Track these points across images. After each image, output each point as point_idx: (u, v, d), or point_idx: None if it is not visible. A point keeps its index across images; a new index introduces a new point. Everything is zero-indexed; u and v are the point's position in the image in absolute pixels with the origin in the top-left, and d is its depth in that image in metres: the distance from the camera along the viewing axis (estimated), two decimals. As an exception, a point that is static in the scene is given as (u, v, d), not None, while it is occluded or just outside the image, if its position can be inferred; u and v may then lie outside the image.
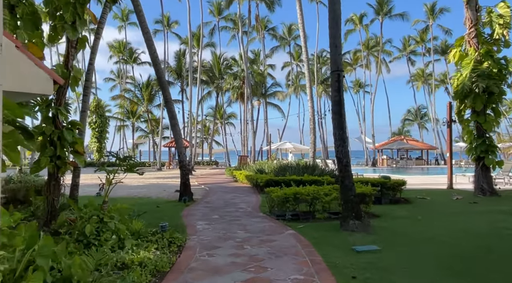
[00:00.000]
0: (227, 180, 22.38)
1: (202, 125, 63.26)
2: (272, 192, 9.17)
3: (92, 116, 45.42)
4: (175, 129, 11.67)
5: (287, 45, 59.65)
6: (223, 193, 14.57)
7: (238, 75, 40.59)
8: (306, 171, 14.97)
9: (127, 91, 51.35)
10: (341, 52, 7.26)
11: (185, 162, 11.68)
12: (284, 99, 49.80)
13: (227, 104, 53.50)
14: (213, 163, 47.31)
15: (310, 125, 16.92)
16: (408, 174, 26.62)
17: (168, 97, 11.72)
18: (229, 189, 16.24)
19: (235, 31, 56.57)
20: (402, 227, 7.60)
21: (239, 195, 13.81)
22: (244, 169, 20.41)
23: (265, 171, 16.63)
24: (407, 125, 74.53)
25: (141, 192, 15.92)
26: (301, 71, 56.51)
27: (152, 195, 14.63)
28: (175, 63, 48.63)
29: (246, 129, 37.17)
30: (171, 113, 11.71)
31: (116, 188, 16.40)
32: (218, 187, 17.31)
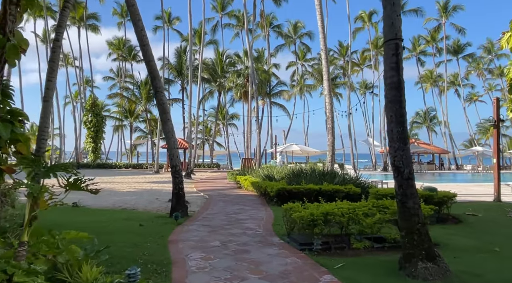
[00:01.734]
0: (229, 185, 20.02)
1: (204, 126, 61.03)
2: (293, 210, 6.80)
3: (87, 115, 43.22)
4: (166, 125, 9.33)
5: (292, 43, 57.36)
6: (226, 204, 12.19)
7: (242, 73, 38.27)
8: (324, 178, 12.59)
9: (125, 89, 49.12)
10: (400, 11, 4.91)
11: (178, 167, 9.33)
12: (289, 99, 47.45)
13: (230, 104, 51.17)
14: (214, 165, 44.98)
15: (327, 124, 14.50)
16: (426, 180, 24.21)
17: (159, 86, 9.40)
18: (232, 198, 13.87)
19: (238, 28, 54.38)
20: (486, 268, 5.22)
21: (244, 207, 11.44)
22: (249, 174, 18.04)
23: (274, 177, 14.26)
24: (415, 128, 72.13)
25: (130, 200, 13.56)
26: (307, 70, 54.18)
27: (140, 205, 12.27)
28: (176, 60, 46.40)
29: (249, 130, 34.82)
30: (161, 107, 9.38)
31: (103, 196, 14.07)
32: (220, 195, 14.95)
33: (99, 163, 42.44)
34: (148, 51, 9.30)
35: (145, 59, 9.30)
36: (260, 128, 24.21)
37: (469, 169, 41.28)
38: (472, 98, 65.91)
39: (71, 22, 50.73)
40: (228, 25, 55.26)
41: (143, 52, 9.29)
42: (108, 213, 10.27)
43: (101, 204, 12.24)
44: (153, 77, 9.37)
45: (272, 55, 55.42)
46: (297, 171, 13.73)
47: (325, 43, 14.52)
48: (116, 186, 19.46)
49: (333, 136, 14.25)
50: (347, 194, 11.33)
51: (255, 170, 18.06)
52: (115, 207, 11.65)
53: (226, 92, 45.78)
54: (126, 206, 11.88)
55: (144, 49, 9.25)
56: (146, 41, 9.29)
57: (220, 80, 42.49)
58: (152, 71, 9.35)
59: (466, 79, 65.59)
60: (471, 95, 65.88)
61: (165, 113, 9.35)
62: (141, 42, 9.24)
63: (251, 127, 34.89)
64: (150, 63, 9.38)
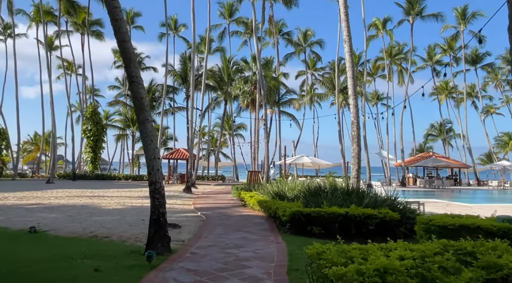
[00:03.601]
0: (233, 202, 17.44)
1: (210, 137, 58.80)
2: (325, 258, 4.20)
3: (87, 124, 41.21)
4: (144, 127, 6.87)
5: (302, 52, 55.28)
6: (225, 229, 9.62)
7: (249, 79, 36.00)
8: (350, 199, 9.98)
9: (127, 96, 47.19)
10: None
11: (159, 185, 6.83)
12: (299, 108, 44.97)
13: (236, 114, 48.82)
14: (219, 177, 42.42)
15: (352, 131, 11.84)
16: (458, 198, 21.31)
17: (134, 74, 6.99)
18: (234, 221, 11.29)
19: (246, 36, 52.48)
20: None
21: (249, 235, 8.86)
22: (256, 190, 15.45)
23: (286, 196, 11.68)
24: (430, 141, 69.12)
25: (109, 222, 11.07)
26: (317, 79, 51.77)
27: (119, 229, 9.75)
28: (181, 67, 44.45)
29: (256, 139, 32.33)
30: (138, 102, 6.94)
31: (83, 214, 11.51)
32: (220, 216, 12.38)
33: (98, 174, 40.21)
34: (122, 28, 6.92)
35: (117, 38, 6.92)
36: (268, 138, 21.70)
37: (494, 185, 38.08)
38: (489, 110, 62.86)
39: (74, 28, 49.31)
40: (236, 33, 53.44)
41: (114, 29, 6.91)
42: (67, 244, 7.77)
43: (71, 228, 9.77)
44: (128, 62, 6.97)
45: (281, 64, 53.35)
46: (314, 189, 11.11)
47: (349, 32, 12.07)
48: (103, 202, 17.03)
49: (359, 146, 11.61)
50: (382, 220, 8.70)
51: (263, 185, 15.46)
52: (85, 233, 9.15)
53: (233, 100, 43.52)
54: (99, 231, 9.37)
55: (116, 25, 6.88)
56: (119, 16, 6.93)
57: (226, 87, 40.28)
58: (126, 54, 6.96)
59: (484, 91, 62.73)
60: (488, 108, 62.85)
61: (143, 110, 6.89)
62: (112, 16, 6.88)
63: (259, 137, 32.44)
64: (124, 44, 6.99)
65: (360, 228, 8.83)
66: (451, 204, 15.20)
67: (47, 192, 22.26)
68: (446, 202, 15.54)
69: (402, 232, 8.85)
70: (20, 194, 20.39)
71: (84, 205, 15.43)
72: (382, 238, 9.17)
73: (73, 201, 17.00)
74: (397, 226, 8.86)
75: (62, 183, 33.18)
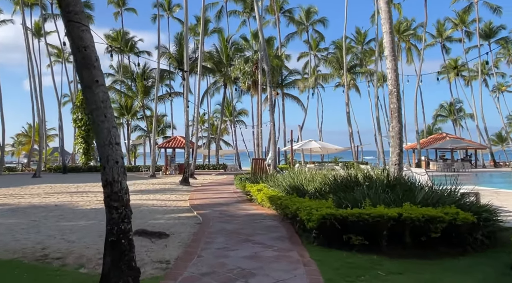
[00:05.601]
0: (236, 195, 14.90)
1: (209, 124, 56.14)
2: None
3: (77, 113, 38.50)
4: (91, 94, 4.24)
5: (304, 31, 52.04)
6: (228, 240, 7.07)
7: (250, 58, 33.07)
8: (394, 193, 7.37)
9: (120, 82, 44.37)
10: None
11: (119, 187, 4.19)
12: (304, 90, 42.08)
13: (237, 99, 46.06)
14: (221, 166, 39.88)
15: (390, 104, 9.03)
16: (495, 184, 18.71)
17: (72, 8, 4.29)
18: (239, 224, 8.72)
19: (245, 15, 49.27)
20: None
21: (262, 250, 6.30)
22: (264, 182, 12.85)
23: (306, 190, 9.07)
24: (439, 122, 66.36)
25: (78, 229, 8.52)
26: (323, 57, 48.50)
27: (81, 244, 7.15)
28: (176, 49, 41.42)
29: (260, 124, 29.63)
30: (80, 53, 4.28)
31: (50, 218, 8.78)
32: (220, 217, 9.82)
33: (91, 166, 37.70)
34: None
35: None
36: (273, 122, 19.03)
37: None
38: (499, 88, 59.79)
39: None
40: (234, 12, 50.24)
41: None
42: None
43: (20, 242, 7.22)
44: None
45: (283, 45, 50.22)
46: (344, 180, 8.48)
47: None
48: (84, 199, 14.51)
49: (400, 122, 8.84)
50: (451, 224, 6.10)
51: (272, 176, 12.84)
52: (33, 251, 6.58)
53: (233, 83, 40.63)
54: (55, 248, 6.79)
55: None
56: None
57: (225, 69, 37.37)
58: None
59: (496, 68, 59.49)
60: (499, 86, 59.73)
61: (88, 67, 4.26)
62: None
63: (261, 122, 29.73)
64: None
65: (418, 235, 6.26)
66: (500, 192, 12.61)
67: (27, 188, 19.75)
68: (493, 190, 12.93)
69: (478, 240, 6.28)
70: (-6, 192, 17.89)
71: (58, 205, 12.90)
72: (448, 247, 6.62)
73: (49, 199, 14.48)
74: (470, 232, 6.27)
75: (50, 176, 30.69)
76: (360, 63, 48.56)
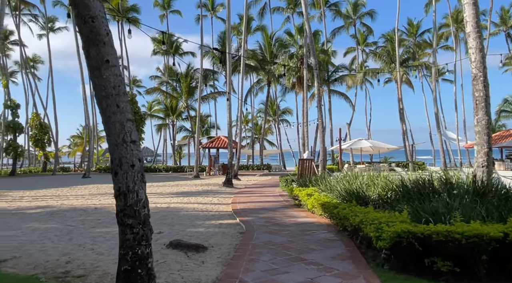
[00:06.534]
0: (282, 199, 13.69)
1: (253, 124, 55.45)
2: None
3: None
4: (99, 77, 3.21)
5: (351, 25, 49.61)
6: (275, 257, 5.90)
7: (295, 54, 31.64)
8: (485, 202, 5.77)
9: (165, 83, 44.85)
10: None
11: (135, 197, 3.15)
12: (352, 85, 39.88)
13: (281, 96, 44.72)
14: (265, 166, 38.83)
15: (474, 91, 7.22)
16: None
17: None
18: (288, 237, 7.50)
19: (289, 11, 47.91)
20: None
21: (319, 275, 5.03)
22: (315, 185, 11.50)
23: (367, 196, 7.63)
24: (502, 118, 60.60)
25: (110, 238, 7.77)
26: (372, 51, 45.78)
27: (109, 258, 6.28)
28: (219, 48, 40.93)
29: (306, 123, 28.16)
30: (87, 25, 3.29)
31: (86, 221, 8.42)
32: (266, 225, 8.66)
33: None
34: None
35: None
36: (322, 119, 17.57)
37: None
38: None
39: (111, 16, 47.49)
40: (277, 9, 49.07)
41: None
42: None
43: (45, 253, 6.55)
44: None
45: (328, 41, 48.13)
46: (415, 185, 6.95)
47: None
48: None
49: (488, 114, 7.11)
50: None
51: (324, 178, 11.46)
52: (56, 265, 5.83)
53: (277, 81, 39.40)
54: (79, 262, 6.00)
55: None
56: None
57: (269, 67, 36.24)
58: None
59: None
60: None
61: (96, 44, 3.28)
62: None
63: (307, 120, 28.23)
64: None
65: (530, 263, 4.67)
66: None
67: (74, 189, 19.93)
68: None
69: None
70: (43, 192, 18.13)
71: (98, 207, 12.45)
72: None
73: (91, 201, 14.17)
74: None
75: (99, 177, 31.36)
76: (413, 56, 45.29)
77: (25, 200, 14.83)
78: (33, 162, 57.18)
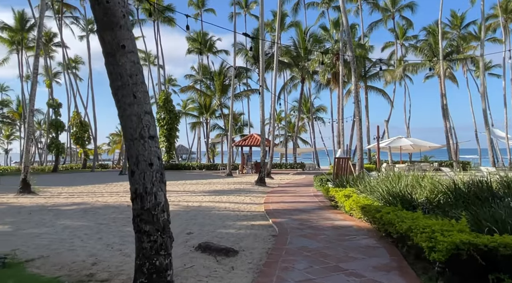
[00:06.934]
0: (317, 200, 13.05)
1: (287, 122, 54.73)
2: None
3: (160, 112, 39.95)
4: (114, 64, 2.82)
5: (390, 18, 47.59)
6: (312, 265, 5.39)
7: (331, 50, 30.66)
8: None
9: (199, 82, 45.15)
10: None
11: (153, 199, 2.75)
12: (391, 81, 38.24)
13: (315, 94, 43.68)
14: (298, 165, 38.09)
15: None
16: None
17: None
18: (325, 242, 6.93)
19: (324, 6, 46.73)
20: None
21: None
22: (353, 186, 10.79)
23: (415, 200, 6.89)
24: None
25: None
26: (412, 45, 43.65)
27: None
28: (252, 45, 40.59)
29: (341, 120, 27.19)
30: (101, 6, 2.90)
31: (117, 219, 8.39)
32: (300, 228, 8.13)
33: (173, 164, 38.87)
34: None
35: None
36: (359, 115, 16.70)
37: None
38: None
39: (146, 16, 48.43)
40: (312, 4, 48.04)
41: None
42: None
43: (72, 253, 6.40)
44: None
45: (365, 35, 46.46)
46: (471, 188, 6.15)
47: None
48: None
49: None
50: None
51: (363, 179, 10.72)
52: (82, 267, 5.64)
53: (311, 78, 38.49)
54: (106, 264, 5.77)
55: None
56: None
57: (303, 63, 35.43)
58: None
59: None
60: None
61: (111, 28, 2.88)
62: None
63: (343, 117, 27.23)
64: None
65: None
66: None
67: (110, 185, 20.29)
68: None
69: None
70: (80, 188, 18.56)
71: (130, 205, 12.39)
72: None
73: (125, 198, 14.21)
74: None
75: (135, 174, 31.97)
76: (457, 49, 42.72)
77: (62, 196, 15.16)
78: (74, 158, 59.76)
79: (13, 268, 5.47)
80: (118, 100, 3.00)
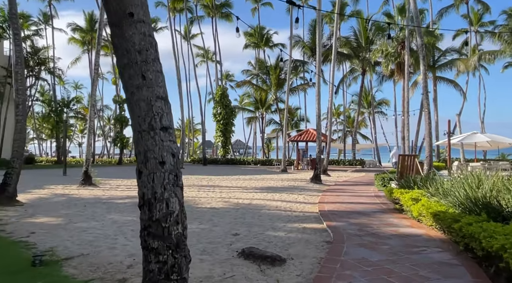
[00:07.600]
0: (378, 201, 11.83)
1: (345, 116, 52.61)
2: None
3: (217, 108, 40.34)
4: (121, 37, 2.20)
5: (463, 3, 43.24)
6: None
7: (395, 38, 28.42)
8: None
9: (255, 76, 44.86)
10: None
11: (165, 207, 2.16)
12: (464, 71, 34.72)
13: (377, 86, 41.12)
14: (357, 162, 36.19)
15: None
16: None
17: None
18: (388, 254, 5.93)
19: (387, -7, 43.72)
20: None
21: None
22: (422, 188, 9.47)
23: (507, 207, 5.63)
24: None
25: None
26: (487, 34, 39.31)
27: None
28: (309, 37, 39.37)
29: (407, 114, 25.08)
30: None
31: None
32: (359, 235, 7.17)
33: (228, 159, 39.12)
34: None
35: None
36: (428, 107, 14.99)
37: None
38: None
39: (205, 12, 49.10)
40: (373, -9, 45.26)
41: None
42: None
43: (111, 252, 6.12)
44: None
45: (434, 22, 42.74)
46: None
47: None
48: (208, 195, 13.65)
49: None
50: None
51: (433, 180, 9.35)
52: (119, 268, 5.29)
53: (373, 69, 36.24)
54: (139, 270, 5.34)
55: None
56: None
57: (364, 54, 33.41)
58: None
59: None
60: None
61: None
62: None
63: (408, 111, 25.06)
64: None
65: None
66: None
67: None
68: None
69: None
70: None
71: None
72: None
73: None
74: None
75: (192, 168, 32.57)
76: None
77: (119, 189, 15.54)
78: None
79: (50, 267, 5.26)
80: (125, 82, 2.42)
